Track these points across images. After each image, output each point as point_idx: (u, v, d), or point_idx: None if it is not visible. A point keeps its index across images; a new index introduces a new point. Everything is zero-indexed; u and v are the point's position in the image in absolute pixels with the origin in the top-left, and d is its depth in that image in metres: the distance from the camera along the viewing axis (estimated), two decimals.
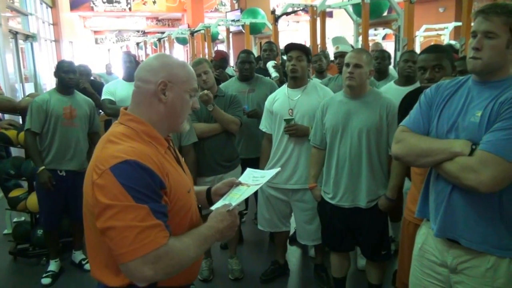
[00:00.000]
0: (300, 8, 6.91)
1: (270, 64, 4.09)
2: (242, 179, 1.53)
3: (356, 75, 2.38)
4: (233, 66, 6.69)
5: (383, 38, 11.95)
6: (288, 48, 2.84)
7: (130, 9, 16.99)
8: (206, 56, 9.02)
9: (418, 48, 8.66)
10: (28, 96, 4.03)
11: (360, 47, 4.87)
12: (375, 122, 2.41)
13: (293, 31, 18.58)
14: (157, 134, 1.28)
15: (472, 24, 1.48)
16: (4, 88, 5.97)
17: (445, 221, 1.52)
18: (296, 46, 2.82)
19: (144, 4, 16.97)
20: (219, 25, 9.57)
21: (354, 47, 4.78)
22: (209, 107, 2.90)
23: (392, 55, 5.36)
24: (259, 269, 3.25)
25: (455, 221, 1.50)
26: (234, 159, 3.16)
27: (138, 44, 16.40)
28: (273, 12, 6.67)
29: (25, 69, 9.27)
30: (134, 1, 16.80)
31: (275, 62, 4.21)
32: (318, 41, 6.18)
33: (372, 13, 5.54)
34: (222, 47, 11.97)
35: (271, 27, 6.98)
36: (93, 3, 16.35)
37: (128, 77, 3.89)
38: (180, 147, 2.86)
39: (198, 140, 2.93)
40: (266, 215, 3.09)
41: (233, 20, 9.32)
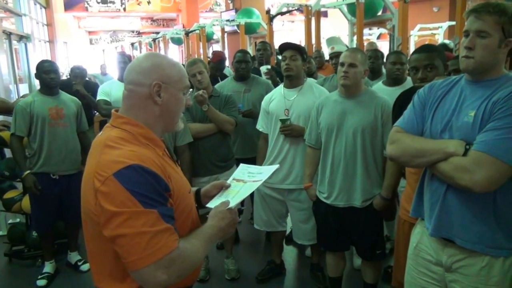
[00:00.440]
0: (295, 8, 6.92)
1: (263, 70, 4.08)
2: (236, 175, 1.50)
3: (351, 75, 2.39)
4: (229, 66, 6.68)
5: (378, 38, 11.97)
6: (282, 48, 2.85)
7: (125, 10, 16.94)
8: (201, 56, 9.01)
9: (413, 48, 8.68)
10: (23, 97, 4.01)
11: (355, 47, 4.88)
12: (370, 122, 2.41)
13: (288, 31, 18.58)
14: (154, 136, 1.25)
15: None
16: None
17: (440, 221, 1.53)
18: (290, 46, 2.83)
19: (139, 4, 16.93)
20: (214, 25, 9.55)
21: (349, 47, 4.79)
22: (204, 107, 2.90)
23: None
24: (255, 269, 3.25)
25: (450, 221, 1.50)
26: (229, 159, 3.16)
27: (133, 45, 16.34)
28: (268, 12, 6.68)
29: (19, 70, 9.23)
30: (129, 1, 16.76)
31: (268, 68, 4.18)
32: (313, 41, 6.19)
33: (367, 13, 5.55)
34: (217, 47, 11.96)
35: (266, 27, 6.99)
36: (87, 4, 16.30)
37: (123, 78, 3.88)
38: (175, 148, 2.85)
39: (193, 140, 2.93)
40: (262, 215, 3.09)
41: (228, 20, 9.30)
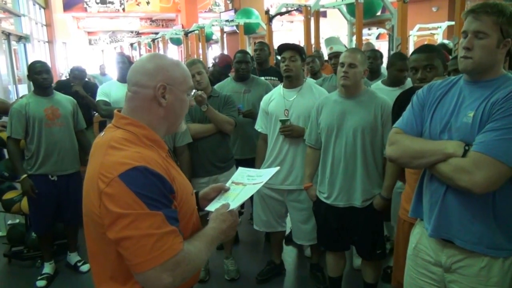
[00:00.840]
0: (294, 8, 6.92)
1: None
2: (235, 178, 1.50)
3: (351, 75, 2.39)
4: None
5: (377, 38, 11.99)
6: (281, 49, 2.85)
7: (124, 10, 16.92)
8: (201, 57, 9.01)
9: (412, 48, 8.69)
10: (22, 98, 4.00)
11: (354, 47, 4.88)
12: (370, 122, 2.41)
13: (287, 31, 18.58)
14: (158, 137, 1.25)
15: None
16: None
17: (440, 221, 1.53)
18: (289, 46, 2.83)
19: (138, 5, 16.91)
20: (213, 26, 9.55)
21: (348, 47, 4.79)
22: (203, 108, 2.90)
23: (386, 55, 5.38)
24: (255, 269, 3.25)
25: (450, 222, 1.50)
26: (229, 160, 3.15)
27: (132, 45, 16.33)
28: (267, 12, 6.67)
29: (18, 71, 9.22)
30: (128, 2, 16.73)
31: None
32: (312, 41, 6.19)
33: (366, 13, 5.55)
34: (216, 48, 11.96)
35: (265, 27, 6.98)
36: (87, 4, 16.27)
37: (122, 78, 3.86)
38: (174, 148, 2.85)
39: (193, 141, 2.92)
40: (262, 215, 3.09)
41: (227, 21, 9.29)
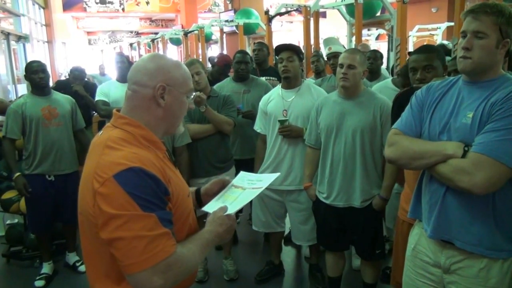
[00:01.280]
0: (294, 9, 6.90)
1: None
2: (236, 182, 1.49)
3: (350, 76, 2.40)
4: None
5: (377, 38, 12.00)
6: (278, 50, 2.86)
7: (123, 10, 16.91)
8: (200, 57, 9.00)
9: (411, 48, 8.70)
10: (20, 98, 4.00)
11: (354, 48, 4.89)
12: (369, 122, 2.42)
13: (287, 32, 18.59)
14: (156, 138, 1.24)
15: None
16: None
17: (439, 223, 1.52)
18: (287, 47, 2.83)
19: (138, 5, 16.90)
20: (213, 26, 9.54)
21: (346, 48, 4.79)
22: (202, 108, 2.89)
23: (385, 56, 5.38)
24: (254, 270, 3.25)
25: (449, 223, 1.50)
26: (228, 160, 3.15)
27: (132, 45, 16.33)
28: (267, 13, 6.66)
29: (18, 70, 9.19)
30: (127, 2, 16.73)
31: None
32: (312, 42, 6.18)
33: (365, 14, 5.55)
34: (216, 48, 11.96)
35: (265, 28, 6.98)
36: (86, 4, 16.26)
37: (122, 78, 3.85)
38: (173, 149, 2.85)
39: (192, 141, 2.92)
40: (261, 216, 3.09)
41: (227, 21, 9.28)
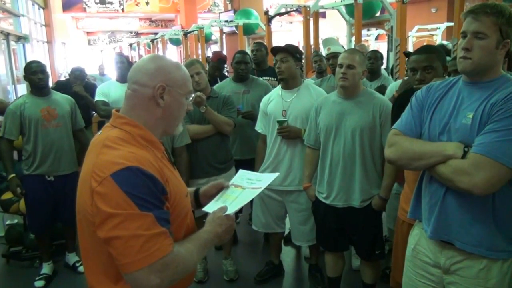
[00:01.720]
0: (293, 9, 6.89)
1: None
2: (235, 181, 1.49)
3: (349, 76, 2.40)
4: (227, 67, 6.67)
5: (376, 39, 12.00)
6: (273, 53, 2.88)
7: (123, 10, 16.91)
8: (200, 57, 9.00)
9: (411, 49, 8.70)
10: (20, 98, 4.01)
11: (353, 48, 4.89)
12: (369, 122, 2.42)
13: (287, 32, 18.58)
14: (154, 138, 1.25)
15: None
16: None
17: (439, 223, 1.52)
18: (279, 49, 2.84)
19: (137, 5, 16.90)
20: (213, 26, 9.54)
21: (346, 48, 4.80)
22: (202, 109, 2.89)
23: (385, 56, 5.39)
24: (254, 270, 3.25)
25: (449, 223, 1.50)
26: (228, 161, 3.15)
27: (131, 45, 16.33)
28: (266, 13, 6.65)
29: (17, 71, 9.20)
30: (127, 2, 16.73)
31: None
32: (312, 42, 6.18)
33: (365, 14, 5.55)
34: (216, 48, 11.95)
35: (265, 28, 6.98)
36: (86, 4, 16.26)
37: (121, 78, 3.85)
38: (173, 149, 2.85)
39: (191, 142, 2.92)
40: (261, 216, 3.09)
41: (227, 21, 9.27)
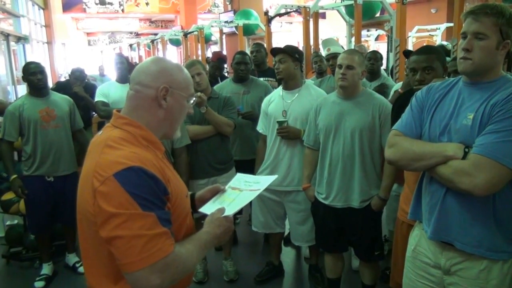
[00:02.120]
0: (293, 9, 6.90)
1: None
2: (233, 184, 1.50)
3: (349, 76, 2.40)
4: (227, 67, 6.68)
5: (376, 39, 12.00)
6: (273, 54, 2.89)
7: (123, 11, 16.93)
8: (200, 58, 9.00)
9: (411, 49, 8.69)
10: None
11: (353, 48, 4.89)
12: (368, 122, 2.42)
13: (286, 32, 18.59)
14: (155, 139, 1.25)
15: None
16: None
17: (439, 224, 1.52)
18: (278, 50, 2.85)
19: (137, 6, 16.91)
20: (212, 27, 9.56)
21: (345, 48, 4.80)
22: (202, 109, 2.89)
23: (385, 56, 5.39)
24: (254, 270, 3.25)
25: (450, 224, 1.50)
26: (228, 162, 3.15)
27: (131, 46, 16.34)
28: (266, 13, 6.65)
29: (17, 71, 9.20)
30: (127, 3, 16.74)
31: None
32: (311, 42, 6.19)
33: (365, 14, 5.55)
34: (216, 49, 11.95)
35: (264, 28, 6.98)
36: (86, 5, 16.27)
37: (121, 79, 3.85)
38: (173, 150, 2.85)
39: (192, 143, 2.92)
40: (260, 217, 3.09)
41: (226, 22, 9.28)
